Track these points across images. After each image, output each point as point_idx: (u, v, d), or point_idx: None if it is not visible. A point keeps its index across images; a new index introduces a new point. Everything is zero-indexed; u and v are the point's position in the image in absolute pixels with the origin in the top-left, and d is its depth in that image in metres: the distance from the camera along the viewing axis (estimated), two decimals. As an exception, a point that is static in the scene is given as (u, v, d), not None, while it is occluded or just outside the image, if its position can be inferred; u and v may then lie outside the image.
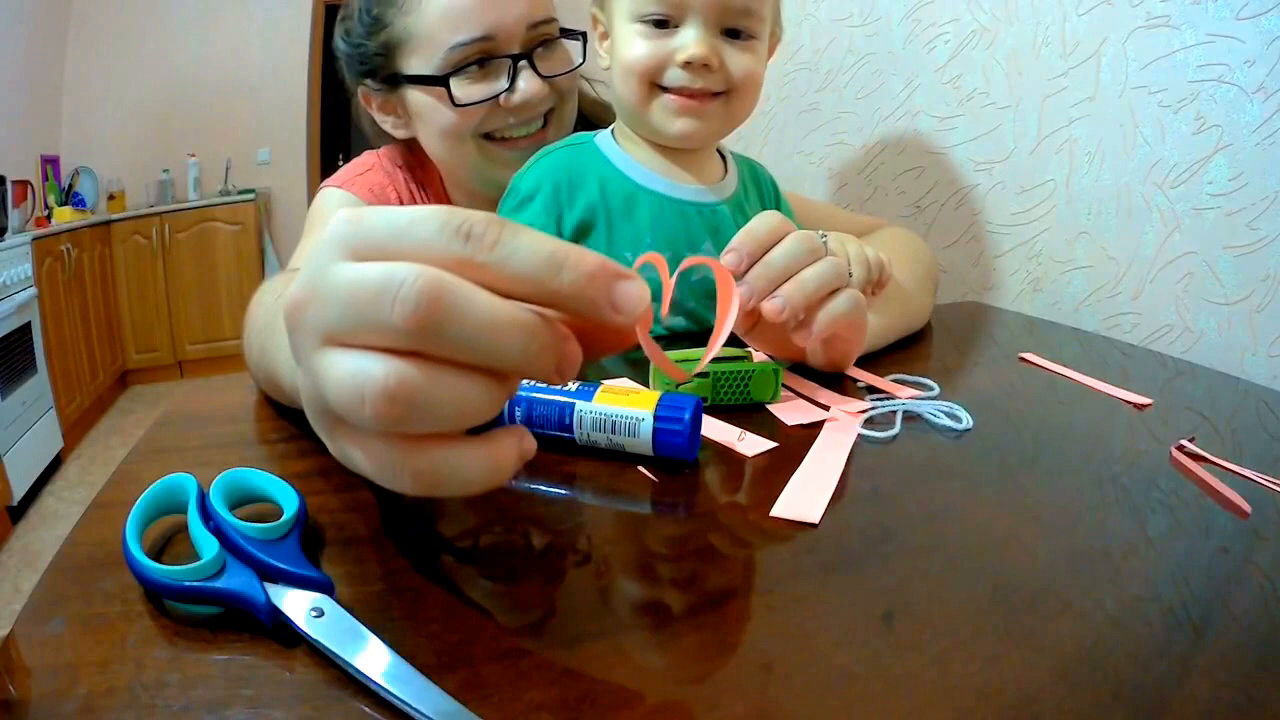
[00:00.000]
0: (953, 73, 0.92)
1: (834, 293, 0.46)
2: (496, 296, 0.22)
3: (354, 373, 0.22)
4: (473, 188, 0.76)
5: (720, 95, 0.59)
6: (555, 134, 0.75)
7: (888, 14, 1.00)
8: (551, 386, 0.42)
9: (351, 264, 0.23)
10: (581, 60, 0.74)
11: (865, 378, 0.54)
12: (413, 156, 0.80)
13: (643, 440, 0.40)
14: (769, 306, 0.44)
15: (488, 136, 0.72)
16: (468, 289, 0.22)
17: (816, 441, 0.43)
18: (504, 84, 0.69)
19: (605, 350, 0.26)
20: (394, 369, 0.22)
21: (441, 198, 0.81)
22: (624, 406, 0.40)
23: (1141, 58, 0.72)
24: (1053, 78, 0.81)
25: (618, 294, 0.23)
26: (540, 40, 0.71)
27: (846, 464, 0.41)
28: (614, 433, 0.40)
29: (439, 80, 0.68)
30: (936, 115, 0.95)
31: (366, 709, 0.23)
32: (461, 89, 0.69)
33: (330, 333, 0.23)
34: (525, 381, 0.42)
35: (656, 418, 0.39)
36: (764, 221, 0.46)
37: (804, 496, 0.37)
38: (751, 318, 0.46)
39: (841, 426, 0.46)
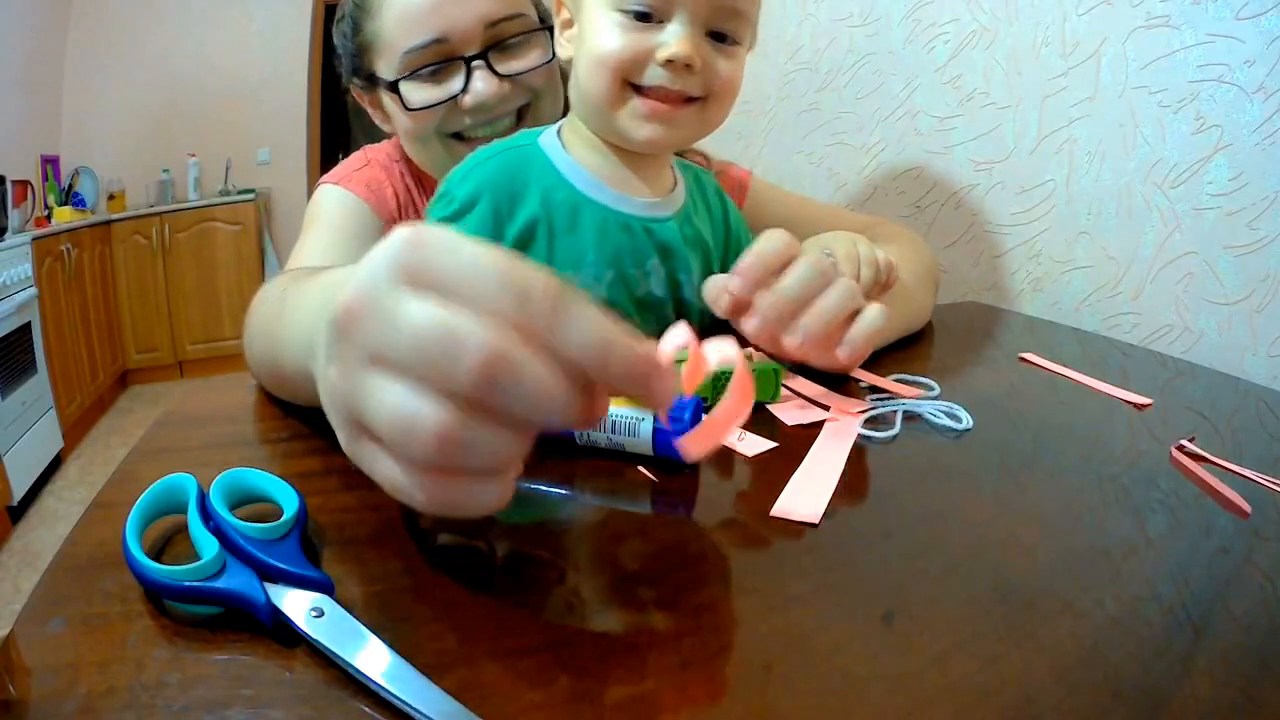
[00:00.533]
0: (953, 73, 0.92)
1: (857, 311, 0.46)
2: (546, 365, 0.23)
3: (410, 409, 0.23)
4: None
5: (695, 101, 0.55)
6: None
7: (888, 14, 1.00)
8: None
9: (415, 300, 0.23)
10: (550, 56, 0.72)
11: (865, 378, 0.54)
12: None
13: (643, 440, 0.40)
14: (789, 343, 0.44)
15: (457, 136, 0.71)
16: (525, 359, 0.23)
17: (816, 441, 0.43)
18: (458, 86, 0.68)
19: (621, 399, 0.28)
20: (448, 416, 0.23)
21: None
22: (624, 406, 0.40)
23: (1141, 58, 0.72)
24: (1053, 78, 0.81)
25: (655, 388, 0.25)
26: (503, 38, 0.69)
27: (846, 464, 0.41)
28: (614, 432, 0.40)
29: (391, 85, 0.69)
30: (936, 115, 0.95)
31: (366, 709, 0.23)
32: (414, 92, 0.68)
33: (383, 358, 0.24)
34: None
35: (656, 418, 0.39)
36: (772, 243, 0.45)
37: (804, 496, 0.37)
38: (770, 344, 0.46)
39: (841, 426, 0.46)
